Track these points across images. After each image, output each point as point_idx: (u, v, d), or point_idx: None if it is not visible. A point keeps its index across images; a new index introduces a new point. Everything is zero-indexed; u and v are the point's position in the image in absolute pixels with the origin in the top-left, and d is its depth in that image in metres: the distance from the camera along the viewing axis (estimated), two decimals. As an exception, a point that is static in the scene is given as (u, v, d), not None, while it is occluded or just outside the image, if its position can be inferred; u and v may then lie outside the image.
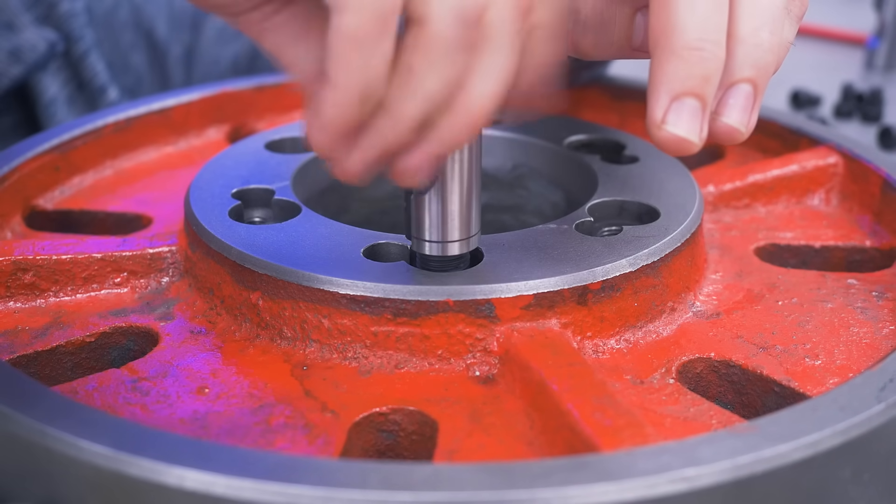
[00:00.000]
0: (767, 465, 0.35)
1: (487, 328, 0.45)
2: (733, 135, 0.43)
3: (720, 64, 0.41)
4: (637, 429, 0.38)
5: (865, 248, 0.59)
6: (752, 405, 0.46)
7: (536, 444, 0.41)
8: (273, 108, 0.79)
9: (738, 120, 0.43)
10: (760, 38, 0.42)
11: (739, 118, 0.43)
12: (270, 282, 0.47)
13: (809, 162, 0.64)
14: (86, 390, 0.45)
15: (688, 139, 0.41)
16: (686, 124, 0.41)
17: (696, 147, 0.41)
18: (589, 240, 0.49)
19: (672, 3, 0.40)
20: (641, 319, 0.49)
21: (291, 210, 0.54)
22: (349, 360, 0.46)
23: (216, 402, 0.44)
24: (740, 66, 0.42)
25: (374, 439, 0.43)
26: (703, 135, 0.41)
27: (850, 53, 1.37)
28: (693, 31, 0.40)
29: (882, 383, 0.40)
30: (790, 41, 0.46)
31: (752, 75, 0.42)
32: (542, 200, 0.66)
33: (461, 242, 0.45)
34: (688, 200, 0.54)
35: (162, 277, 0.54)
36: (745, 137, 0.43)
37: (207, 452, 0.35)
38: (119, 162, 0.70)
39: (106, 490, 0.35)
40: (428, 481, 0.33)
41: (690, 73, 0.40)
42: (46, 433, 0.36)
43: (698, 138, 0.41)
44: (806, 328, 0.50)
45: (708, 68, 0.40)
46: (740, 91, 0.42)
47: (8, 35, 0.92)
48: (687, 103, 0.40)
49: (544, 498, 0.33)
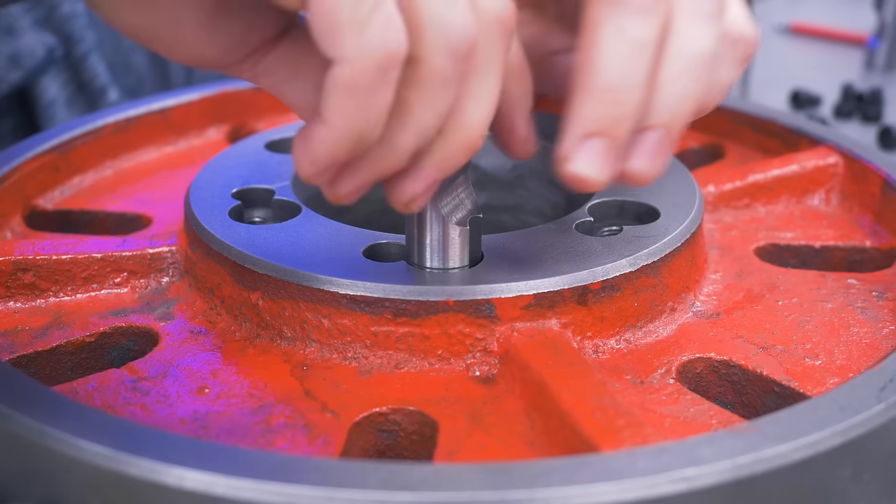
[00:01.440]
0: (767, 465, 0.35)
1: (487, 328, 0.45)
2: (638, 178, 0.42)
3: (635, 107, 0.40)
4: (637, 429, 0.38)
5: (865, 248, 0.59)
6: (752, 405, 0.46)
7: (536, 444, 0.41)
8: (273, 108, 0.79)
9: (643, 165, 0.42)
10: (680, 86, 0.41)
11: (645, 163, 0.42)
12: (270, 282, 0.47)
13: (809, 162, 0.64)
14: (86, 390, 0.45)
15: (589, 178, 0.41)
16: (589, 163, 0.40)
17: (599, 185, 0.41)
18: (589, 240, 0.49)
19: (595, 44, 0.40)
20: (641, 319, 0.49)
21: (291, 210, 0.54)
22: (349, 360, 0.46)
23: (216, 402, 0.44)
24: (655, 111, 0.41)
25: (374, 439, 0.43)
26: (606, 174, 0.41)
27: (850, 53, 1.37)
28: (611, 72, 0.40)
29: (882, 383, 0.40)
30: (727, 83, 0.46)
31: (665, 121, 0.42)
32: (542, 200, 0.66)
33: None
34: (688, 200, 0.54)
35: (162, 277, 0.54)
36: (650, 181, 0.43)
37: (207, 452, 0.35)
38: (119, 162, 0.70)
39: (106, 490, 0.35)
40: (428, 481, 0.33)
41: (603, 113, 0.40)
42: (46, 433, 0.36)
43: (601, 177, 0.41)
44: (806, 328, 0.50)
45: (621, 111, 0.40)
46: (651, 136, 0.42)
47: (7, 40, 0.92)
48: (595, 143, 0.40)
49: (544, 498, 0.33)
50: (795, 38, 1.46)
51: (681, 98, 0.42)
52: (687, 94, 0.42)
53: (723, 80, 0.45)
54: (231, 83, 0.77)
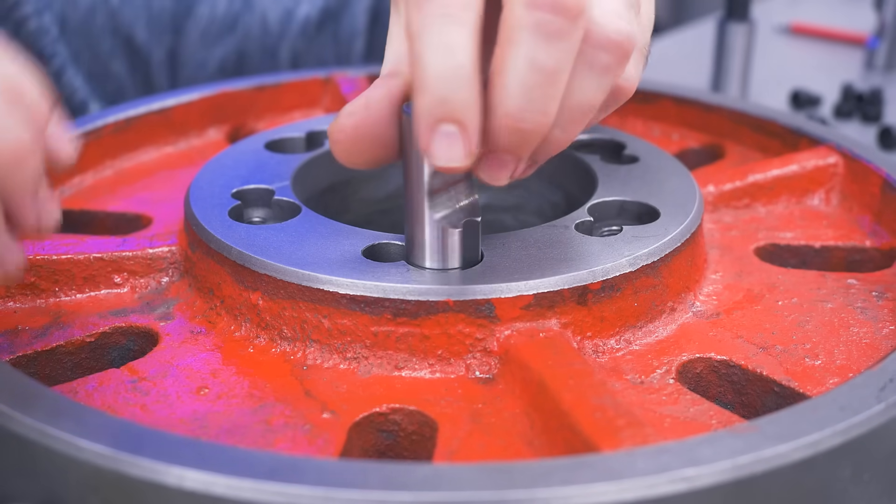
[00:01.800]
0: (767, 465, 0.35)
1: (487, 328, 0.45)
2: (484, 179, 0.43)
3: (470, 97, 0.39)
4: (637, 429, 0.38)
5: (865, 248, 0.59)
6: (752, 405, 0.46)
7: (536, 444, 0.41)
8: (273, 108, 0.79)
9: (483, 175, 0.42)
10: (522, 105, 0.40)
11: (484, 175, 0.42)
12: (270, 282, 0.47)
13: (809, 162, 0.64)
14: (86, 390, 0.45)
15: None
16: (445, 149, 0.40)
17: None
18: (589, 240, 0.49)
19: (418, 41, 0.39)
20: (641, 319, 0.49)
21: (291, 210, 0.54)
22: (349, 360, 0.46)
23: (216, 402, 0.44)
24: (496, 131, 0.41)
25: (374, 439, 0.43)
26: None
27: (850, 53, 1.37)
28: (433, 69, 0.39)
29: (882, 383, 0.40)
30: (590, 101, 0.41)
31: (539, 158, 0.42)
32: (542, 200, 0.66)
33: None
34: (688, 200, 0.54)
35: (162, 277, 0.54)
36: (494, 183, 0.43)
37: (207, 452, 0.35)
38: (119, 162, 0.70)
39: (106, 490, 0.35)
40: (428, 481, 0.33)
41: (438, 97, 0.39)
42: (46, 433, 0.36)
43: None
44: (806, 328, 0.50)
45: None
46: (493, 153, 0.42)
47: None
48: (442, 131, 0.39)
49: (544, 498, 0.33)
50: (795, 38, 1.46)
51: (525, 123, 0.40)
52: (532, 119, 0.40)
53: (580, 98, 0.41)
54: (231, 83, 0.78)
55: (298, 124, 0.67)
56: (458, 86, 0.39)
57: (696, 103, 0.74)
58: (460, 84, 0.39)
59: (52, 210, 0.44)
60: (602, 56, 0.41)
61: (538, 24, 0.38)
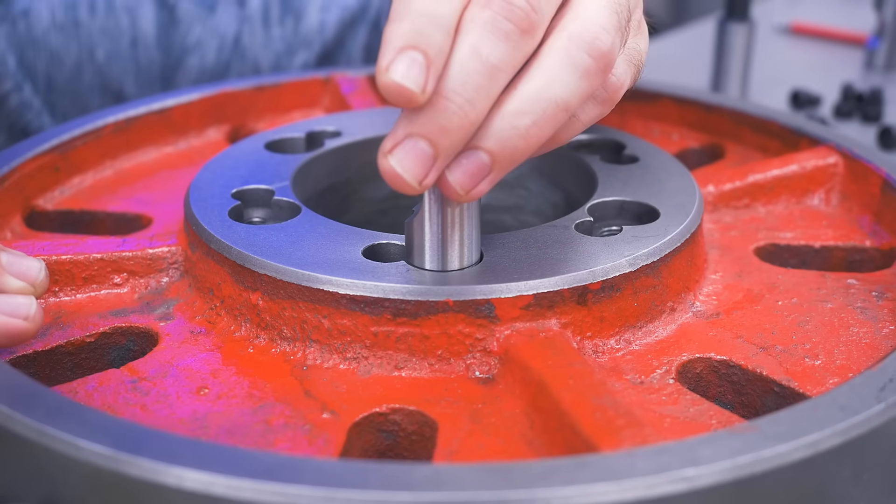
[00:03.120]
0: (767, 465, 0.35)
1: (487, 328, 0.45)
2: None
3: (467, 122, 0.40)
4: (637, 429, 0.38)
5: (865, 248, 0.59)
6: (752, 405, 0.46)
7: (536, 444, 0.41)
8: (273, 108, 0.79)
9: (458, 181, 0.42)
10: (520, 123, 0.41)
11: (461, 180, 0.42)
12: (270, 282, 0.47)
13: (809, 162, 0.64)
14: (86, 390, 0.45)
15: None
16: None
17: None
18: (589, 240, 0.49)
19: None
20: (641, 319, 0.49)
21: (291, 210, 0.54)
22: (349, 360, 0.46)
23: (216, 403, 0.44)
24: (488, 135, 0.41)
25: (374, 439, 0.43)
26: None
27: (850, 53, 1.37)
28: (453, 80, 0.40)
29: (882, 383, 0.40)
30: (584, 122, 0.47)
31: (493, 149, 0.42)
32: (542, 200, 0.66)
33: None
34: (688, 200, 0.54)
35: (162, 277, 0.54)
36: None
37: (207, 452, 0.35)
38: (119, 162, 0.70)
39: (105, 490, 0.35)
40: (428, 481, 0.33)
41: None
42: (46, 433, 0.36)
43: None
44: (806, 328, 0.50)
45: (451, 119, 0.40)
46: (475, 157, 0.42)
47: None
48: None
49: (544, 498, 0.33)
50: (795, 38, 1.47)
51: (518, 136, 0.42)
52: (525, 134, 0.42)
53: (581, 121, 0.47)
54: (231, 83, 0.78)
55: (298, 124, 0.67)
56: (436, 28, 0.39)
57: (696, 103, 0.74)
58: (439, 28, 0.39)
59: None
60: (609, 91, 0.47)
61: (487, 21, 0.40)
